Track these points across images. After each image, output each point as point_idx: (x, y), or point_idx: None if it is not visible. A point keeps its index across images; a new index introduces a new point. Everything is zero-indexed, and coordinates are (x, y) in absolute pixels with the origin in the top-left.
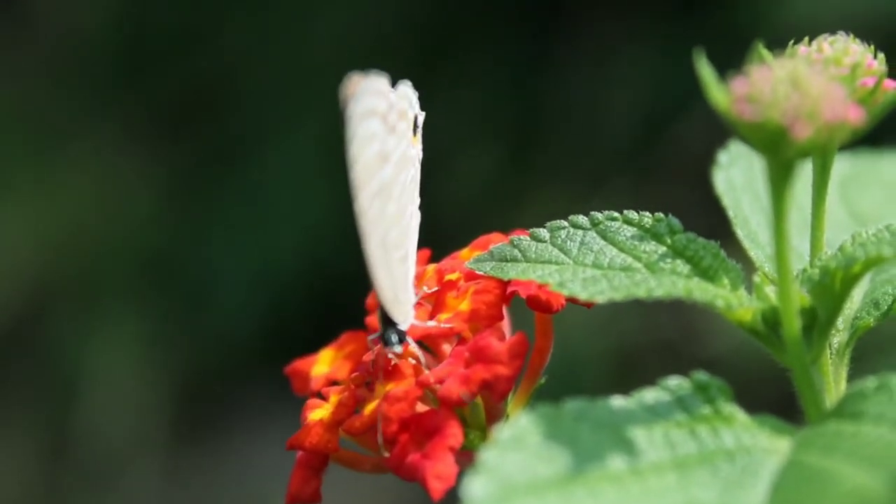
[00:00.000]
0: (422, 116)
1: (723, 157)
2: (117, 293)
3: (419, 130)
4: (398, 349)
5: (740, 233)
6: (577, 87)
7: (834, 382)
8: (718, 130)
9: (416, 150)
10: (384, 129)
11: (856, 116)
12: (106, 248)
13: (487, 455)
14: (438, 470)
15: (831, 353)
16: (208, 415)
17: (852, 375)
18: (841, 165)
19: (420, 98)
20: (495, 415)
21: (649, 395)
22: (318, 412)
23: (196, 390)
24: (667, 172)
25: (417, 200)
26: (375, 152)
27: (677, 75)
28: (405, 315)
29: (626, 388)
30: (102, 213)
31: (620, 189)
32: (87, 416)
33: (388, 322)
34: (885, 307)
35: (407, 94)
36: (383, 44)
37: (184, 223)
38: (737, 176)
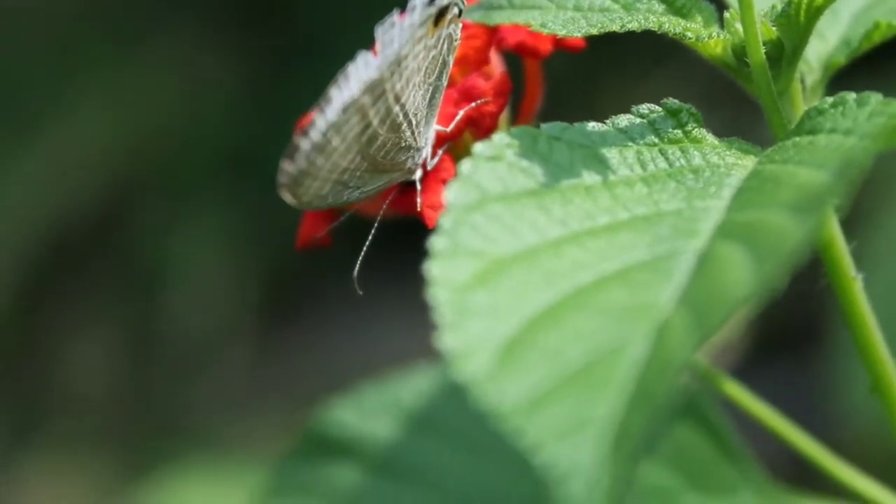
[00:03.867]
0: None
1: None
2: (199, 186)
3: (447, 13)
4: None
5: None
6: None
7: None
8: None
9: (440, 32)
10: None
11: None
12: (186, 141)
13: (465, 166)
14: (432, 200)
15: (804, 92)
16: (293, 305)
17: None
18: None
19: None
20: None
21: (622, 119)
22: None
23: (281, 281)
24: None
25: (446, 63)
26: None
27: None
28: (414, 164)
29: None
30: (183, 108)
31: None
32: (175, 308)
33: None
34: (855, 44)
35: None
36: None
37: (263, 115)
38: None
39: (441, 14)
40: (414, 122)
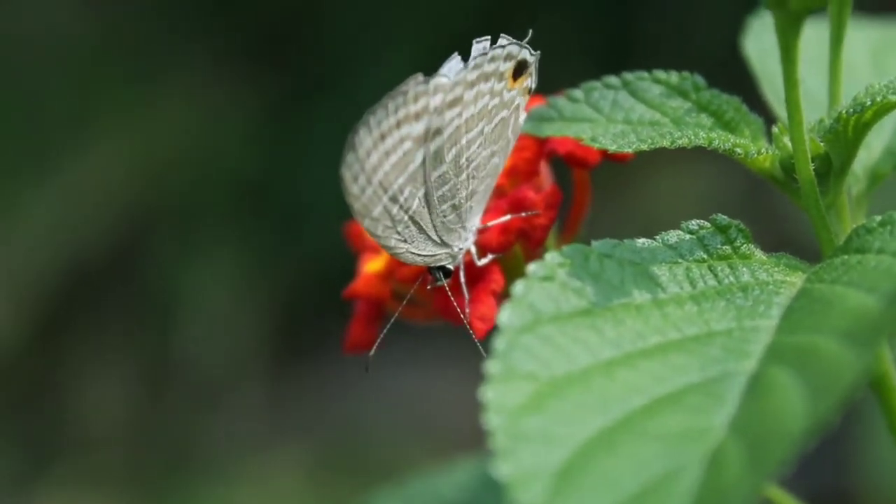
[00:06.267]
0: (530, 57)
1: (754, 23)
2: (215, 220)
3: (525, 73)
4: (442, 283)
5: (768, 93)
6: (666, 13)
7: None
8: None
9: (514, 92)
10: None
11: None
12: (203, 175)
13: (518, 287)
14: (481, 312)
15: (850, 202)
16: (307, 339)
17: None
18: (873, 34)
19: (507, 26)
20: None
21: (672, 235)
22: (373, 264)
23: (295, 314)
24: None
25: (508, 140)
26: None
27: None
28: (456, 247)
29: None
30: (198, 140)
31: None
32: (189, 341)
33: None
34: None
35: (502, 53)
36: None
37: (278, 149)
38: (767, 41)
39: (520, 67)
40: (470, 187)
